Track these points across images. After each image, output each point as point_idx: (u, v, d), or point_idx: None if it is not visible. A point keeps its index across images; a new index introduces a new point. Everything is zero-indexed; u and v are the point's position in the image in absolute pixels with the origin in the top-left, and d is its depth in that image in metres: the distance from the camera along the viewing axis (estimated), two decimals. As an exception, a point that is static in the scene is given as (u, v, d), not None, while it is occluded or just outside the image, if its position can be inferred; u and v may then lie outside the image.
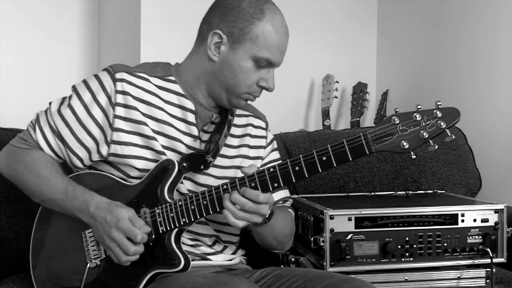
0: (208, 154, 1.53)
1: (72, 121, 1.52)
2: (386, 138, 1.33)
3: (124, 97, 1.51)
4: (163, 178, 1.48)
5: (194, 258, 1.55)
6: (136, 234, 1.40)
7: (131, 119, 1.51)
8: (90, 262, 1.50)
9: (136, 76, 1.54)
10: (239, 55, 1.49)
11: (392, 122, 1.33)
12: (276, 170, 1.39)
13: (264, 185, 1.39)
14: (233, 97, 1.53)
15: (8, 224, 1.81)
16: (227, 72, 1.51)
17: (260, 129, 1.71)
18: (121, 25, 3.03)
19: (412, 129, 1.32)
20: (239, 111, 1.67)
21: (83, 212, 1.47)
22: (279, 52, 1.50)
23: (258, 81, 1.51)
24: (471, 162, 2.30)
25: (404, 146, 1.32)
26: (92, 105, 1.51)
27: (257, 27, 1.48)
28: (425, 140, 1.32)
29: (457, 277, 1.71)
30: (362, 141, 1.33)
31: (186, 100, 1.55)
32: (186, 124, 1.55)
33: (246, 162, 1.63)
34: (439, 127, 1.31)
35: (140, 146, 1.51)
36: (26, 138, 1.56)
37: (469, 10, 2.69)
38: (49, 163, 1.54)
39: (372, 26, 3.34)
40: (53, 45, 3.02)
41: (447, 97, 2.82)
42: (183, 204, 1.44)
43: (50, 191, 1.51)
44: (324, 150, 1.35)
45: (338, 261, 1.65)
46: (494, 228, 1.72)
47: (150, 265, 1.45)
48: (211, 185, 1.47)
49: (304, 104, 3.25)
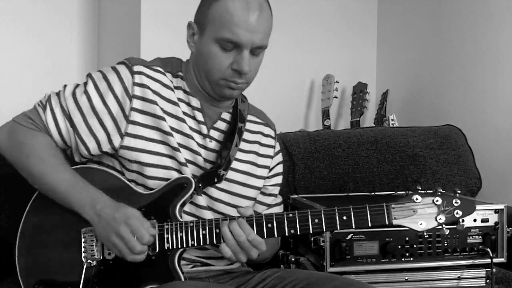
0: (220, 169, 1.52)
1: (86, 108, 1.48)
2: (406, 213, 1.41)
3: (143, 90, 1.49)
4: (177, 195, 1.46)
5: (196, 265, 1.55)
6: (143, 235, 1.38)
7: (149, 113, 1.49)
8: (86, 262, 1.46)
9: (153, 70, 1.52)
10: (205, 40, 1.48)
11: (414, 201, 1.42)
12: (295, 216, 1.41)
13: (280, 228, 1.41)
14: (214, 86, 1.51)
15: (8, 224, 1.81)
16: (200, 60, 1.50)
17: (270, 138, 1.70)
18: (121, 25, 3.03)
19: (431, 210, 1.41)
20: (252, 117, 1.66)
21: (87, 207, 1.43)
22: (241, 30, 1.43)
23: (231, 65, 1.47)
24: (471, 162, 2.30)
25: (420, 225, 1.41)
26: (107, 95, 1.48)
27: (214, 9, 1.45)
28: (440, 225, 1.42)
29: (457, 277, 1.71)
30: (384, 212, 1.41)
31: (192, 98, 1.55)
32: (196, 122, 1.54)
33: (255, 169, 1.62)
34: (455, 215, 1.41)
35: (156, 141, 1.49)
36: (33, 117, 1.50)
37: (469, 10, 2.70)
38: (54, 150, 1.49)
39: (372, 26, 3.34)
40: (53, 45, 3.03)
41: (447, 97, 2.82)
42: (194, 227, 1.42)
43: (56, 180, 1.46)
44: (346, 210, 1.41)
45: (338, 261, 1.65)
46: (494, 228, 1.72)
47: (148, 279, 1.43)
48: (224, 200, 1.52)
49: (304, 104, 3.25)
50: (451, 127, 2.38)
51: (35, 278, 1.49)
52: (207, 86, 1.52)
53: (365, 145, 2.22)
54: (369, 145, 2.22)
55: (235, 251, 1.39)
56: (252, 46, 1.45)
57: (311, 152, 2.19)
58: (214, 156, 1.54)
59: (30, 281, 1.49)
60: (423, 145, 2.25)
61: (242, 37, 1.43)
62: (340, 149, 2.20)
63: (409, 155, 2.20)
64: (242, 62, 1.45)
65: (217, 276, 1.58)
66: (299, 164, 2.16)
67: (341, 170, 2.16)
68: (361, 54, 3.32)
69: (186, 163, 1.50)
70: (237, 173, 1.58)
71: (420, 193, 1.42)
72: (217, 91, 1.52)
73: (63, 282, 1.47)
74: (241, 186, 1.58)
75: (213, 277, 1.57)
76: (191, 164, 1.51)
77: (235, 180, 1.57)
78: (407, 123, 2.83)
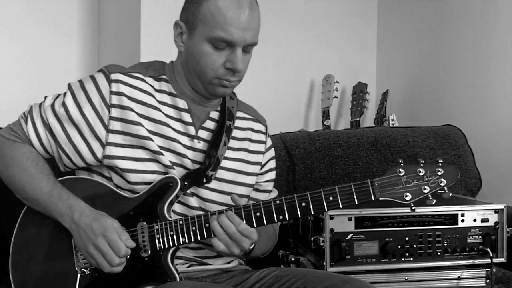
0: (208, 169, 1.51)
1: (64, 119, 1.49)
2: (391, 188, 1.42)
3: (119, 98, 1.49)
4: (164, 194, 1.46)
5: (192, 264, 1.55)
6: (120, 249, 1.38)
7: (126, 120, 1.49)
8: (80, 271, 1.46)
9: (131, 77, 1.52)
10: (196, 40, 1.47)
11: (397, 174, 1.42)
12: (283, 203, 1.42)
13: (269, 216, 1.42)
14: (206, 85, 1.51)
15: (8, 224, 1.81)
16: (191, 60, 1.50)
17: (260, 134, 1.69)
18: (121, 25, 3.03)
19: (415, 182, 1.42)
20: (241, 113, 1.65)
21: (65, 216, 1.44)
22: (234, 29, 1.43)
23: (224, 64, 1.47)
24: (471, 162, 2.30)
25: (406, 197, 1.42)
26: (85, 105, 1.49)
27: (205, 7, 1.45)
28: (426, 194, 1.42)
29: (457, 277, 1.71)
30: (369, 187, 1.41)
31: (179, 99, 1.54)
32: (182, 124, 1.53)
33: (246, 166, 1.62)
34: (439, 184, 1.42)
35: (135, 147, 1.48)
36: (16, 129, 1.53)
37: (469, 10, 2.70)
38: (35, 160, 1.50)
39: (372, 26, 3.34)
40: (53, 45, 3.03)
41: (447, 97, 2.82)
42: (184, 224, 1.43)
43: (33, 190, 1.48)
44: (332, 190, 1.42)
45: (338, 261, 1.65)
46: (494, 228, 1.72)
47: (143, 280, 1.43)
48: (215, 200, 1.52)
49: (304, 104, 3.25)
50: (451, 127, 2.38)
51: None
52: (198, 85, 1.52)
53: (365, 145, 2.22)
54: (369, 145, 2.22)
55: (227, 244, 1.40)
56: (245, 44, 1.46)
57: (311, 152, 2.19)
58: (202, 157, 1.54)
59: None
60: (423, 145, 2.25)
61: (235, 35, 1.44)
62: (340, 149, 2.20)
63: (409, 155, 2.20)
64: (236, 60, 1.46)
65: (215, 276, 1.57)
66: (299, 164, 2.16)
67: (341, 170, 2.16)
68: (361, 54, 3.32)
69: (173, 166, 1.50)
70: (227, 171, 1.58)
71: (403, 166, 1.42)
72: (210, 90, 1.52)
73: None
74: (232, 185, 1.58)
75: (210, 277, 1.56)
76: (177, 167, 1.51)
77: (225, 179, 1.57)
78: (407, 123, 2.83)
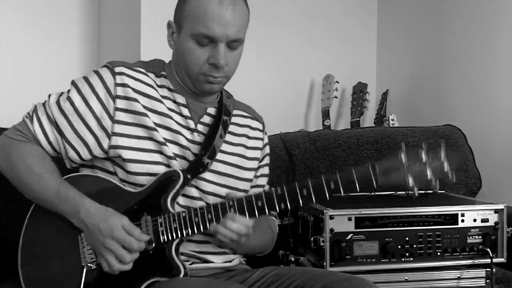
0: (204, 156, 1.53)
1: (70, 113, 1.51)
2: (393, 173, 1.40)
3: (124, 89, 1.52)
4: (167, 188, 1.48)
5: (194, 262, 1.56)
6: (132, 244, 1.40)
7: (132, 111, 1.51)
8: (86, 266, 1.47)
9: (134, 70, 1.55)
10: (182, 37, 1.52)
11: (400, 158, 1.40)
12: (284, 191, 1.43)
13: (271, 204, 1.44)
14: (194, 82, 1.54)
15: (8, 224, 1.81)
16: (180, 57, 1.54)
17: (258, 131, 1.73)
18: (121, 25, 3.03)
19: (418, 168, 1.40)
20: (238, 111, 1.69)
21: (73, 216, 1.45)
22: (215, 24, 1.46)
23: (208, 60, 1.50)
24: (471, 162, 2.30)
25: (410, 182, 1.40)
26: (90, 97, 1.51)
27: (189, 5, 1.50)
28: (429, 180, 1.40)
29: (457, 277, 1.71)
30: (370, 173, 1.41)
31: (177, 95, 1.57)
32: (183, 118, 1.57)
33: (244, 162, 1.64)
34: (443, 169, 1.40)
35: (142, 137, 1.51)
36: (22, 129, 1.54)
37: (469, 10, 2.70)
38: (41, 158, 1.51)
39: (372, 26, 3.34)
40: (53, 45, 3.02)
41: (447, 97, 2.82)
42: (187, 216, 1.45)
43: (41, 190, 1.49)
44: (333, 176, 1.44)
45: (338, 261, 1.65)
46: (494, 228, 1.72)
47: (148, 274, 1.44)
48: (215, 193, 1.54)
49: (304, 104, 3.25)
50: (451, 127, 2.38)
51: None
52: (188, 82, 1.56)
53: (365, 145, 2.22)
54: (369, 145, 2.22)
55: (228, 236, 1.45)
56: (227, 40, 1.49)
57: (311, 152, 2.19)
58: (200, 149, 1.57)
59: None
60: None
61: (216, 31, 1.47)
62: (340, 149, 2.20)
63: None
64: (218, 55, 1.48)
65: (216, 274, 1.58)
66: (299, 164, 2.16)
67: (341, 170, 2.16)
68: (361, 54, 3.32)
69: (175, 157, 1.52)
70: (226, 165, 1.60)
71: (405, 150, 1.41)
72: (198, 87, 1.55)
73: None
74: (231, 179, 1.60)
75: (212, 275, 1.57)
76: (180, 158, 1.53)
77: (225, 173, 1.60)
78: (407, 123, 2.82)
